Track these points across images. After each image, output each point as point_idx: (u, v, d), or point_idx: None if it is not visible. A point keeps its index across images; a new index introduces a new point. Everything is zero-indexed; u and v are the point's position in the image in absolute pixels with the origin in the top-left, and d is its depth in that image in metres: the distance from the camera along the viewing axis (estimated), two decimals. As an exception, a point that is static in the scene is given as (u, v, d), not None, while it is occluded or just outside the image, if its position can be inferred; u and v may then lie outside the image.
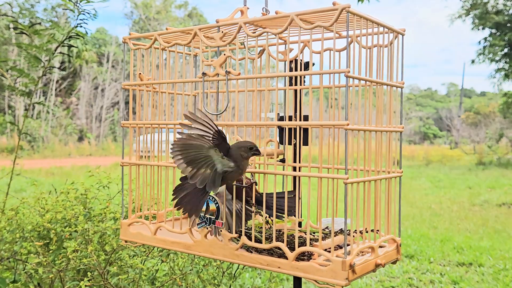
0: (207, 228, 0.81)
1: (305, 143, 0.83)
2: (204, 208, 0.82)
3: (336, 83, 0.83)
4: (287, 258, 0.73)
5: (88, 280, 1.47)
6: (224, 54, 0.79)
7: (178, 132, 0.74)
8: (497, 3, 14.07)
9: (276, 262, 0.74)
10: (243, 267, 1.89)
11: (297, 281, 0.84)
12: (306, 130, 0.83)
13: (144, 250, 1.71)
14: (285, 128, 0.86)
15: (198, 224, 0.83)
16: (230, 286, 1.86)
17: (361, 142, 0.74)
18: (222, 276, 1.81)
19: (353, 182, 0.70)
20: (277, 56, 0.84)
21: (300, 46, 0.77)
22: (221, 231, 0.80)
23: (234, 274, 1.87)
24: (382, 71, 0.78)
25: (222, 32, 0.81)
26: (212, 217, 0.82)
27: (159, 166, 0.93)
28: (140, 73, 0.93)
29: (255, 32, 0.86)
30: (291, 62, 0.86)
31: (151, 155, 0.97)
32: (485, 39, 14.62)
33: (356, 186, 0.72)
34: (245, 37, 0.89)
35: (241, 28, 0.78)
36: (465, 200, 6.82)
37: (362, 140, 0.74)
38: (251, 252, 0.77)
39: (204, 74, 0.82)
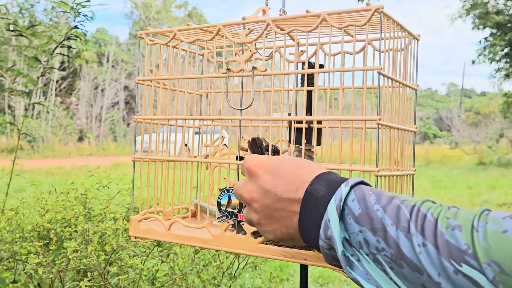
0: (227, 222, 0.80)
1: (318, 143, 0.85)
2: (225, 202, 0.82)
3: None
4: (312, 250, 0.70)
5: (88, 280, 1.47)
6: (250, 51, 0.80)
7: None
8: (497, 3, 14.08)
9: (301, 254, 0.71)
10: (243, 267, 1.88)
11: (304, 274, 0.83)
12: (319, 130, 0.85)
13: (144, 250, 1.70)
14: (297, 127, 0.87)
15: (218, 218, 0.82)
16: (230, 286, 1.86)
17: (376, 140, 0.76)
18: (222, 276, 1.81)
19: (383, 175, 0.72)
20: (298, 57, 0.85)
21: (330, 46, 0.78)
22: (243, 224, 0.78)
23: (234, 274, 1.86)
24: (404, 72, 0.81)
25: (249, 29, 0.82)
26: (234, 210, 0.81)
27: (168, 162, 0.92)
28: (151, 69, 0.93)
29: (268, 33, 0.88)
30: (303, 63, 0.86)
31: (162, 151, 0.96)
32: (486, 39, 14.63)
33: (385, 179, 0.73)
34: (274, 34, 0.89)
35: (269, 26, 0.79)
36: (465, 200, 6.82)
37: (382, 137, 0.76)
38: (271, 245, 0.76)
39: (228, 70, 0.82)
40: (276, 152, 0.78)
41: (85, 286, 1.41)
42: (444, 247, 0.40)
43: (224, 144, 0.92)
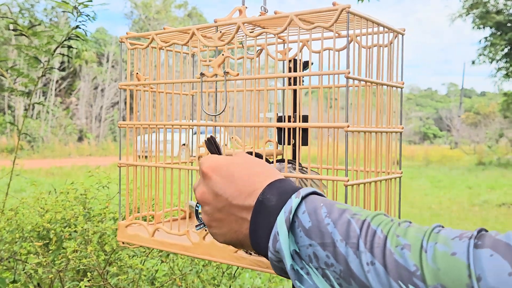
0: (205, 230, 0.81)
1: (305, 143, 0.82)
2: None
3: (336, 82, 0.82)
4: None
5: (88, 281, 1.47)
6: (223, 54, 0.79)
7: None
8: (497, 3, 14.07)
9: None
10: (243, 267, 1.88)
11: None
12: (305, 130, 0.83)
13: (144, 250, 1.71)
14: (284, 128, 0.86)
15: (196, 226, 0.82)
16: (229, 286, 1.86)
17: (361, 143, 0.73)
18: (221, 276, 1.81)
19: (353, 184, 0.70)
20: (276, 56, 0.83)
21: (299, 46, 0.76)
22: None
23: (234, 274, 1.87)
24: (382, 71, 0.77)
25: (221, 32, 0.80)
26: None
27: (156, 167, 0.92)
28: (137, 73, 0.93)
29: (253, 32, 0.86)
30: (289, 61, 0.86)
31: (149, 156, 0.96)
32: (486, 38, 14.62)
33: (356, 187, 0.71)
34: (243, 36, 0.88)
35: (240, 28, 0.77)
36: (465, 200, 6.82)
37: (362, 140, 0.73)
38: (250, 254, 0.76)
39: (202, 74, 0.81)
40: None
41: (85, 286, 1.41)
42: (392, 267, 0.40)
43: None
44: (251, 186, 0.51)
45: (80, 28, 2.05)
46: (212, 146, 0.64)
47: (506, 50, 14.41)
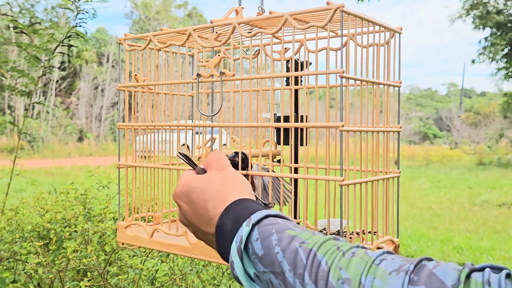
0: None
1: (302, 143, 0.82)
2: None
3: (333, 82, 0.82)
4: None
5: (88, 280, 1.47)
6: (219, 55, 0.79)
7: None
8: (497, 3, 14.06)
9: None
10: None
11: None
12: (303, 130, 0.83)
13: (144, 250, 1.71)
14: (281, 128, 0.86)
15: None
16: (229, 286, 1.86)
17: (359, 142, 0.73)
18: (221, 276, 1.82)
19: (348, 184, 0.70)
20: (272, 55, 0.83)
21: (294, 46, 0.76)
22: None
23: (234, 274, 1.87)
24: (378, 70, 0.77)
25: (217, 32, 0.81)
26: None
27: (155, 168, 0.92)
28: (136, 74, 0.93)
29: (250, 32, 0.86)
30: (287, 61, 0.86)
31: (147, 156, 0.96)
32: (486, 38, 14.62)
33: (353, 187, 0.71)
34: (241, 37, 0.88)
35: (235, 29, 0.78)
36: (465, 200, 6.82)
37: (359, 140, 0.73)
38: None
39: (198, 75, 0.81)
40: (244, 159, 0.78)
41: (85, 286, 1.42)
42: None
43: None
44: (208, 213, 0.54)
45: (80, 26, 2.05)
46: (186, 159, 0.65)
47: (506, 50, 14.41)
